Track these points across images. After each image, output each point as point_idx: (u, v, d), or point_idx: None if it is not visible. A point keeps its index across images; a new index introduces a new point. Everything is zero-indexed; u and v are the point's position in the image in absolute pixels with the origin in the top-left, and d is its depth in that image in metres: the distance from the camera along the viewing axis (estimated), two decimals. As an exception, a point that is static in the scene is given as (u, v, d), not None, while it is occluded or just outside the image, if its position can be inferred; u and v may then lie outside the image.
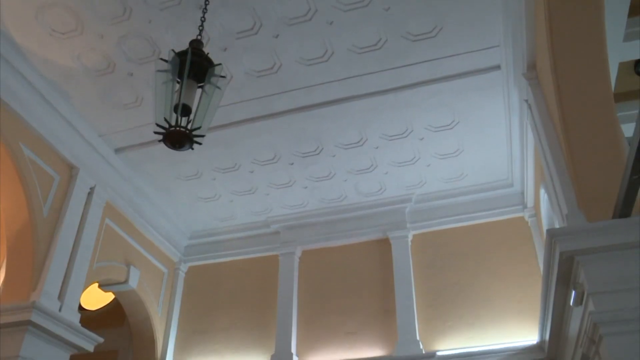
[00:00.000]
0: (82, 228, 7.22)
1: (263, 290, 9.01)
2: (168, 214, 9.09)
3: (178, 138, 4.01)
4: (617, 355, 4.39)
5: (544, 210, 7.13)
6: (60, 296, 6.67)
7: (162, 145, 4.15)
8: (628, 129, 5.63)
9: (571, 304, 5.08)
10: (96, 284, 8.22)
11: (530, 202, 8.00)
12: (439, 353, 7.46)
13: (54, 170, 7.00)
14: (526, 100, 6.31)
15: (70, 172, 7.28)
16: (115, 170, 7.91)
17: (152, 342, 8.75)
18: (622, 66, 6.05)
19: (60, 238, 6.82)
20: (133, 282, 8.28)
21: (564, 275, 5.10)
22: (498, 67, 6.53)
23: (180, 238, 9.53)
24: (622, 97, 6.16)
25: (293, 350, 8.20)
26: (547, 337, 6.55)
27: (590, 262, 4.71)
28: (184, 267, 9.59)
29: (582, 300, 4.86)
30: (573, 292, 4.94)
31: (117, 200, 8.10)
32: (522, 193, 8.21)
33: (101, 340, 7.05)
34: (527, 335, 7.32)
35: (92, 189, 7.52)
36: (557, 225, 5.70)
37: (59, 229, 6.87)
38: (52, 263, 6.62)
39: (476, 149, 7.77)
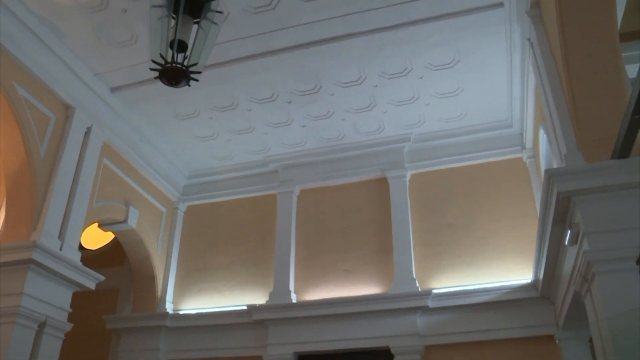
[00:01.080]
0: (80, 168, 7.21)
1: (261, 229, 9.10)
2: (166, 153, 9.07)
3: (174, 74, 3.96)
4: (608, 292, 4.49)
5: (543, 151, 7.13)
6: (61, 235, 6.73)
7: (158, 83, 4.11)
8: (632, 70, 5.54)
9: (566, 243, 5.14)
10: (96, 224, 8.29)
11: (529, 143, 7.99)
12: (434, 291, 7.60)
13: (49, 110, 6.93)
14: (528, 39, 6.20)
15: (66, 112, 7.20)
16: (112, 109, 7.84)
17: (152, 280, 8.90)
18: (630, 4, 5.89)
19: (59, 178, 6.82)
20: (132, 222, 8.34)
21: (560, 215, 5.14)
22: (501, 4, 6.37)
23: (178, 177, 9.54)
24: (628, 36, 6.02)
25: (291, 287, 8.35)
26: (541, 276, 6.68)
27: (586, 203, 4.75)
28: (182, 207, 9.64)
29: (577, 239, 4.92)
30: (568, 232, 5.00)
31: (114, 140, 8.06)
32: (521, 134, 8.18)
33: (102, 278, 7.16)
34: (522, 274, 7.45)
35: (88, 129, 7.46)
36: (555, 166, 5.70)
37: (56, 169, 6.86)
38: (52, 203, 6.65)
39: (476, 89, 7.68)
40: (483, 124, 8.36)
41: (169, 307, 8.82)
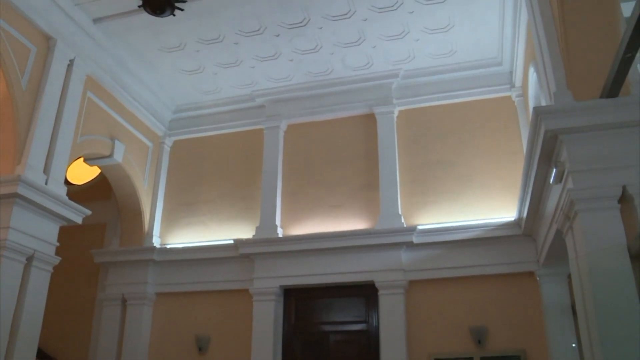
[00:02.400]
0: (63, 101, 7.07)
1: (248, 164, 9.08)
2: (151, 87, 8.91)
3: (158, 3, 3.85)
4: (589, 230, 4.59)
5: (532, 90, 7.10)
6: (46, 170, 6.68)
7: (143, 14, 3.99)
8: (628, 8, 5.43)
9: (551, 181, 5.20)
10: (81, 159, 8.23)
11: (518, 81, 7.94)
12: (419, 227, 7.70)
13: (30, 42, 6.72)
14: (522, -26, 6.06)
15: (48, 43, 7.00)
16: (95, 41, 7.63)
17: (139, 214, 8.93)
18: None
19: (42, 111, 6.70)
20: (118, 156, 8.28)
21: (546, 154, 5.18)
22: (495, -64, 6.19)
23: (164, 112, 9.42)
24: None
25: (277, 222, 8.42)
26: (524, 214, 6.78)
27: (573, 141, 4.78)
28: (169, 141, 9.57)
29: (561, 178, 4.97)
30: (554, 170, 5.05)
31: (98, 73, 7.89)
32: (511, 72, 8.11)
33: (89, 212, 7.16)
34: (506, 212, 7.55)
35: (71, 61, 7.28)
36: (544, 104, 5.69)
37: (39, 102, 6.72)
38: (35, 137, 6.56)
39: (467, 25, 7.55)
40: (473, 61, 8.27)
41: (156, 241, 8.89)
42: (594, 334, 4.36)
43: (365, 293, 7.90)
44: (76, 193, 8.94)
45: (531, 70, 6.75)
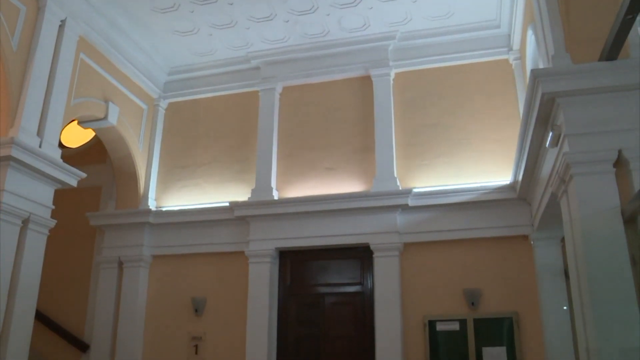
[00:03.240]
0: (55, 63, 6.96)
1: (243, 126, 9.03)
2: (145, 48, 8.78)
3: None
4: (584, 193, 4.61)
5: (530, 53, 7.03)
6: (39, 132, 6.62)
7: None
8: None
9: (547, 145, 5.20)
10: (75, 122, 8.17)
11: (516, 44, 7.84)
12: (415, 190, 7.72)
13: (19, 1, 6.58)
14: None
15: (37, 3, 6.85)
16: (87, 1, 7.48)
17: (134, 177, 8.91)
18: None
19: (34, 73, 6.60)
20: (112, 119, 8.21)
21: (543, 117, 5.17)
22: None
23: (158, 74, 9.31)
24: None
25: (273, 184, 8.42)
26: (520, 177, 6.80)
27: (570, 104, 4.77)
28: (163, 104, 9.49)
29: (557, 141, 4.97)
30: (550, 134, 5.04)
31: (91, 35, 7.76)
32: (509, 35, 8.00)
33: (83, 175, 7.14)
34: (501, 175, 7.56)
35: (62, 21, 7.14)
36: (541, 67, 5.64)
37: (31, 63, 6.61)
38: (28, 99, 6.48)
39: (465, -15, 7.44)
40: (470, 23, 8.15)
41: (152, 204, 8.90)
42: (586, 297, 4.41)
43: (360, 255, 7.97)
44: (71, 156, 8.90)
45: (529, 32, 6.67)
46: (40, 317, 8.55)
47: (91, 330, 8.60)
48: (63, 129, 7.28)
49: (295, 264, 8.27)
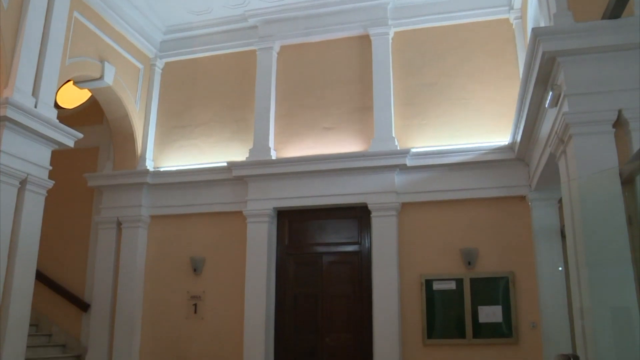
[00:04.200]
0: (48, 22, 6.82)
1: (241, 86, 8.95)
2: (140, 6, 8.61)
3: None
4: (583, 154, 4.60)
5: (531, 12, 6.91)
6: (34, 93, 6.54)
7: None
8: None
9: (546, 105, 5.16)
10: (71, 82, 8.08)
11: (517, 3, 7.71)
12: (413, 150, 7.70)
13: (8, -43, 6.44)
14: None
15: (28, -41, 6.70)
16: (79, -43, 7.33)
17: (131, 138, 8.87)
18: None
19: (26, 32, 6.47)
20: (108, 79, 8.12)
21: (543, 76, 5.12)
22: None
23: (154, 33, 9.16)
24: None
25: (271, 144, 8.39)
26: (518, 138, 6.77)
27: (571, 64, 4.72)
28: (160, 63, 9.37)
29: (557, 101, 4.93)
30: (550, 94, 5.00)
31: (84, -8, 7.63)
32: (510, -8, 7.88)
33: (80, 136, 7.09)
34: (500, 136, 7.54)
35: (54, -22, 7.00)
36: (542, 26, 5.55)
37: (23, 22, 6.47)
38: (22, 59, 6.38)
39: (466, -60, 7.26)
40: (471, -19, 8.01)
41: (150, 164, 8.88)
42: (581, 257, 4.44)
43: (358, 215, 8.00)
44: (68, 117, 8.86)
45: (531, -10, 6.56)
46: (41, 277, 8.65)
47: (91, 290, 8.71)
48: (59, 89, 7.20)
49: (293, 224, 8.31)
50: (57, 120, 6.76)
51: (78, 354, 8.55)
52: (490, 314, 7.16)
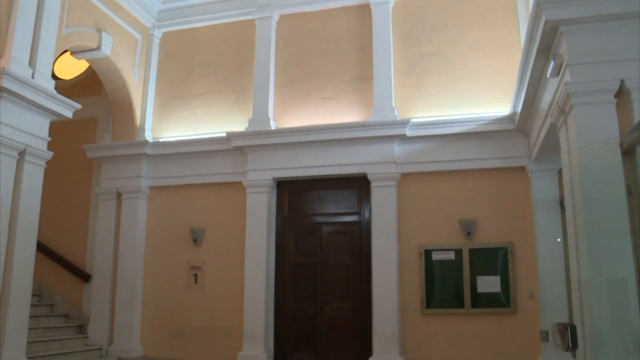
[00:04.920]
0: (43, -10, 6.75)
1: (240, 56, 8.87)
2: (138, -25, 8.52)
3: None
4: (583, 124, 4.57)
5: (533, -21, 6.80)
6: (31, 63, 6.48)
7: None
8: None
9: (548, 75, 5.12)
10: (68, 52, 8.00)
11: (518, -29, 7.60)
12: (413, 120, 7.66)
13: None
14: None
15: None
16: None
17: (130, 108, 8.82)
18: None
19: (22, 1, 6.37)
20: (106, 49, 8.04)
21: (545, 46, 5.07)
22: None
23: (152, 2, 9.03)
24: None
25: (270, 114, 8.35)
26: (519, 108, 6.73)
27: (573, 33, 4.66)
28: (158, 33, 9.26)
29: (559, 71, 4.89)
30: (552, 63, 4.96)
31: (79, -41, 7.50)
32: (512, -41, 7.74)
33: (78, 106, 7.05)
34: (500, 106, 7.49)
35: (49, -55, 6.87)
36: (544, -6, 5.47)
37: (17, -9, 6.41)
38: (17, 28, 6.29)
39: None
40: (472, -53, 7.87)
41: (149, 135, 8.86)
42: (580, 228, 4.45)
43: (357, 185, 8.01)
44: (65, 88, 8.80)
45: (534, -44, 6.43)
46: (43, 249, 8.70)
47: (92, 261, 8.77)
48: (56, 59, 7.13)
49: (293, 194, 8.32)
50: (55, 91, 6.71)
51: (80, 323, 8.65)
52: (489, 284, 7.22)
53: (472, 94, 7.70)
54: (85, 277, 8.76)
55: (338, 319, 7.78)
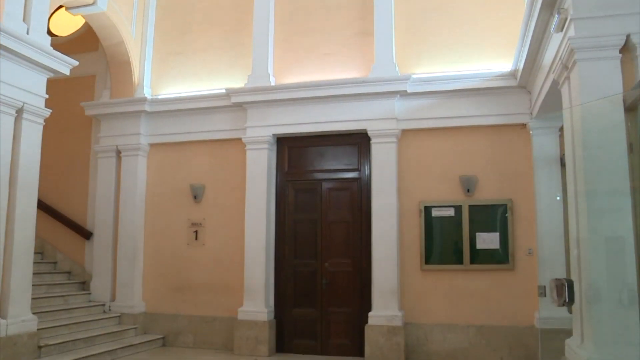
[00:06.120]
0: (36, -58, 6.57)
1: (238, 11, 8.70)
2: None
3: None
4: (587, 79, 4.53)
5: None
6: (25, 18, 6.36)
7: None
8: None
9: (552, 30, 5.04)
10: (63, 8, 7.84)
11: None
12: (414, 76, 7.58)
13: None
14: None
15: None
16: None
17: (127, 65, 8.71)
18: None
19: (13, -46, 6.25)
20: (102, 4, 7.89)
21: (549, 0, 4.96)
22: None
23: (148, -46, 8.85)
24: None
25: (270, 70, 8.26)
26: (521, 65, 6.65)
27: (578, -15, 4.55)
28: (154, -14, 9.10)
29: (563, 26, 4.81)
30: (556, 17, 4.88)
31: None
32: None
33: (75, 63, 6.96)
34: (502, 63, 7.39)
35: None
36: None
37: (9, -58, 6.24)
38: (9, -19, 6.18)
39: None
40: None
41: (147, 92, 8.78)
42: (580, 186, 4.44)
43: (357, 142, 7.98)
44: (62, 44, 8.69)
45: None
46: (44, 207, 8.74)
47: (93, 219, 8.82)
48: (51, 15, 7.00)
49: (293, 151, 8.30)
50: (51, 47, 6.61)
51: (83, 280, 8.76)
52: (488, 240, 7.26)
53: (474, 50, 7.59)
54: (86, 234, 8.82)
55: (338, 274, 7.86)
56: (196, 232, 8.42)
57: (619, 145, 4.23)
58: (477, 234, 7.30)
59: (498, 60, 7.43)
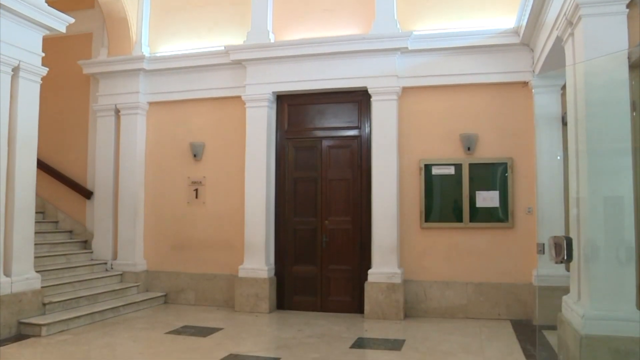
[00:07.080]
0: None
1: (237, -35, 8.53)
2: None
3: None
4: (591, 36, 4.46)
5: None
6: (18, -27, 6.24)
7: None
8: None
9: (557, -15, 4.91)
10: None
11: None
12: (415, 32, 7.47)
13: None
14: None
15: None
16: None
17: (125, 22, 8.57)
18: None
19: None
20: (97, -42, 7.72)
21: (554, -46, 4.84)
22: None
23: None
24: None
25: (269, 27, 8.13)
26: (524, 21, 6.54)
27: (584, -59, 4.43)
28: (150, -59, 8.87)
29: (568, -19, 4.69)
30: (561, -28, 4.75)
31: None
32: None
33: (72, 20, 6.84)
34: (505, 19, 7.28)
35: None
36: None
37: None
38: None
39: None
40: None
41: (145, 50, 8.66)
42: (582, 145, 4.42)
43: (358, 99, 7.92)
44: (57, 1, 8.42)
45: None
46: (44, 167, 8.74)
47: (94, 178, 8.82)
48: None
49: (293, 108, 8.24)
50: (46, 4, 6.49)
51: (84, 239, 8.81)
52: (488, 198, 7.28)
53: (476, 6, 7.46)
54: (87, 193, 8.84)
55: (338, 232, 7.91)
56: (196, 190, 8.43)
57: (622, 103, 4.19)
58: (477, 192, 7.32)
59: (501, 16, 7.31)
